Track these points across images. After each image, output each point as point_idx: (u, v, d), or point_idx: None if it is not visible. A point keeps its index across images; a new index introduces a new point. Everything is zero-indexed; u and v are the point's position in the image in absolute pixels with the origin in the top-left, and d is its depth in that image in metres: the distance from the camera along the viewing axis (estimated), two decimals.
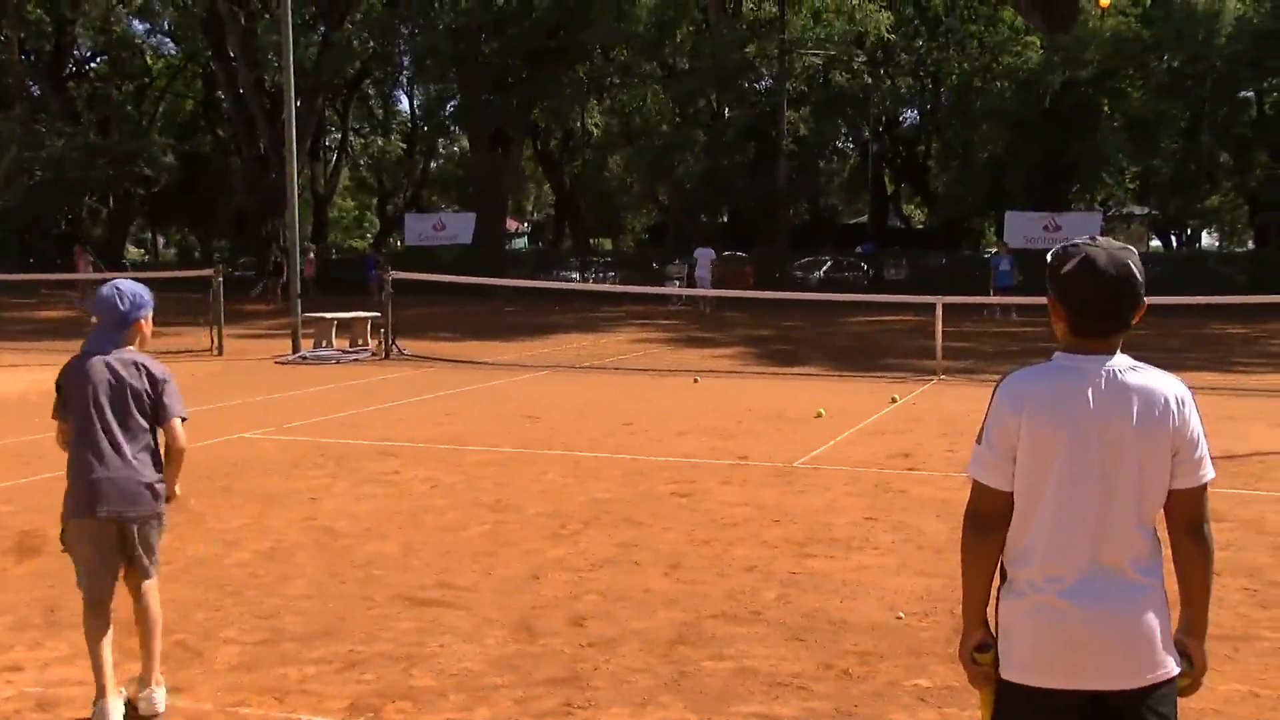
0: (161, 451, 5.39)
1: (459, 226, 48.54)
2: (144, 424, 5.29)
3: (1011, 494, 3.12)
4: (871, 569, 7.60)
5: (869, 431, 13.29)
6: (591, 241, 60.81)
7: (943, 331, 19.72)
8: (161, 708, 5.30)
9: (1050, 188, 41.38)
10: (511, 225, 63.92)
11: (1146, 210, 49.50)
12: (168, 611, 6.58)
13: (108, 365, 5.24)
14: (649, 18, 48.10)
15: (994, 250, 38.61)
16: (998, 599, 3.15)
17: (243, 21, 47.62)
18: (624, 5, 46.83)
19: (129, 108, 61.07)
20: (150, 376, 5.30)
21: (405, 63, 58.50)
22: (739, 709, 5.28)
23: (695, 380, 18.64)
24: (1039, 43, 43.72)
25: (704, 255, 38.25)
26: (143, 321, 5.37)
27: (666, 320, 33.18)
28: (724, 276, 37.86)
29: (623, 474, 10.72)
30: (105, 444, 5.16)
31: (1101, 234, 3.40)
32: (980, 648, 3.14)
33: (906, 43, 52.10)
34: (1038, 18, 47.20)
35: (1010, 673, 3.11)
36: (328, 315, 23.77)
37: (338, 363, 21.41)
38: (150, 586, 5.38)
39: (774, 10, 46.77)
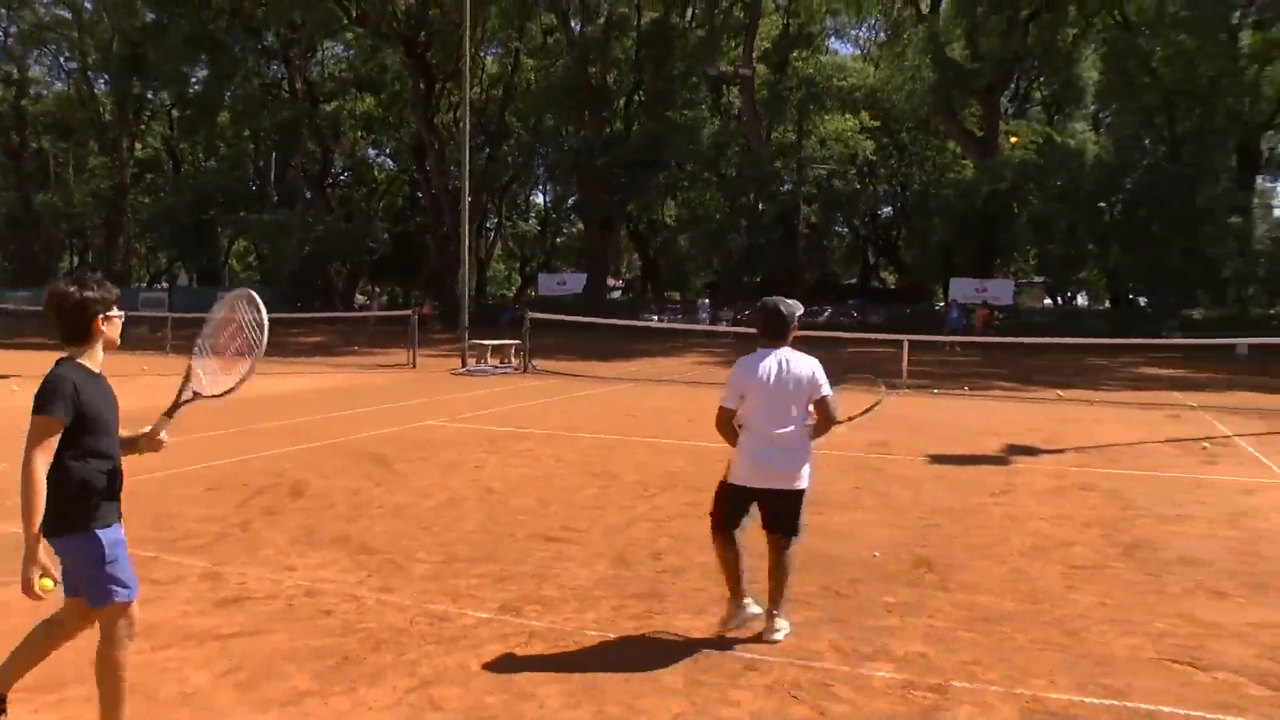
0: None
1: (576, 282, 48.73)
2: None
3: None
4: (859, 523, 7.44)
5: (854, 427, 13.02)
6: (666, 294, 60.87)
7: (908, 359, 19.57)
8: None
9: (981, 263, 41.29)
10: (612, 282, 64.07)
11: (1043, 279, 49.57)
12: (383, 540, 6.66)
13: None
14: (709, 141, 48.73)
15: (947, 303, 38.57)
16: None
17: (436, 146, 48.31)
18: (693, 133, 47.59)
19: (362, 204, 62.51)
20: None
21: (541, 172, 59.22)
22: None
23: None
24: (971, 165, 43.71)
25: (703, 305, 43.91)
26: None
27: (719, 348, 33.01)
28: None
29: (689, 455, 10.60)
30: None
31: (1014, 295, 3.81)
32: None
33: (884, 161, 53.54)
34: (973, 150, 46.88)
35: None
36: (485, 341, 23.84)
37: (492, 374, 21.48)
38: None
39: (793, 138, 47.01)
